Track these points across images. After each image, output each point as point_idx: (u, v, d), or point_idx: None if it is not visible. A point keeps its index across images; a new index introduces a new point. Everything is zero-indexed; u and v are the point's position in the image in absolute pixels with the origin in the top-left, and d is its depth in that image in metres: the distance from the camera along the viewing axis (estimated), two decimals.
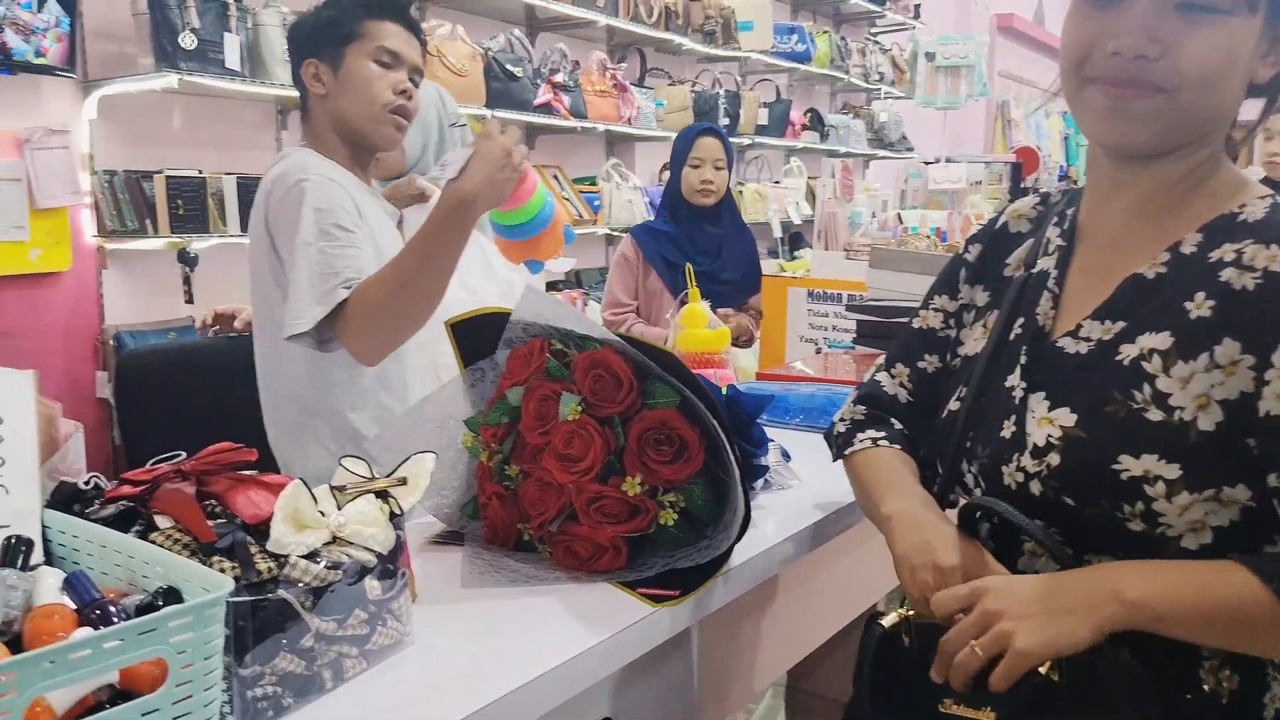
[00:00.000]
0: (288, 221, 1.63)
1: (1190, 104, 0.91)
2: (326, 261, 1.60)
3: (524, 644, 1.03)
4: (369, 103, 1.74)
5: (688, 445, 1.17)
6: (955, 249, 2.55)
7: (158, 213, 2.76)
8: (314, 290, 1.58)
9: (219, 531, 0.90)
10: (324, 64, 1.75)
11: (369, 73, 1.74)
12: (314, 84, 1.76)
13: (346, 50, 1.74)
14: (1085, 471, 0.93)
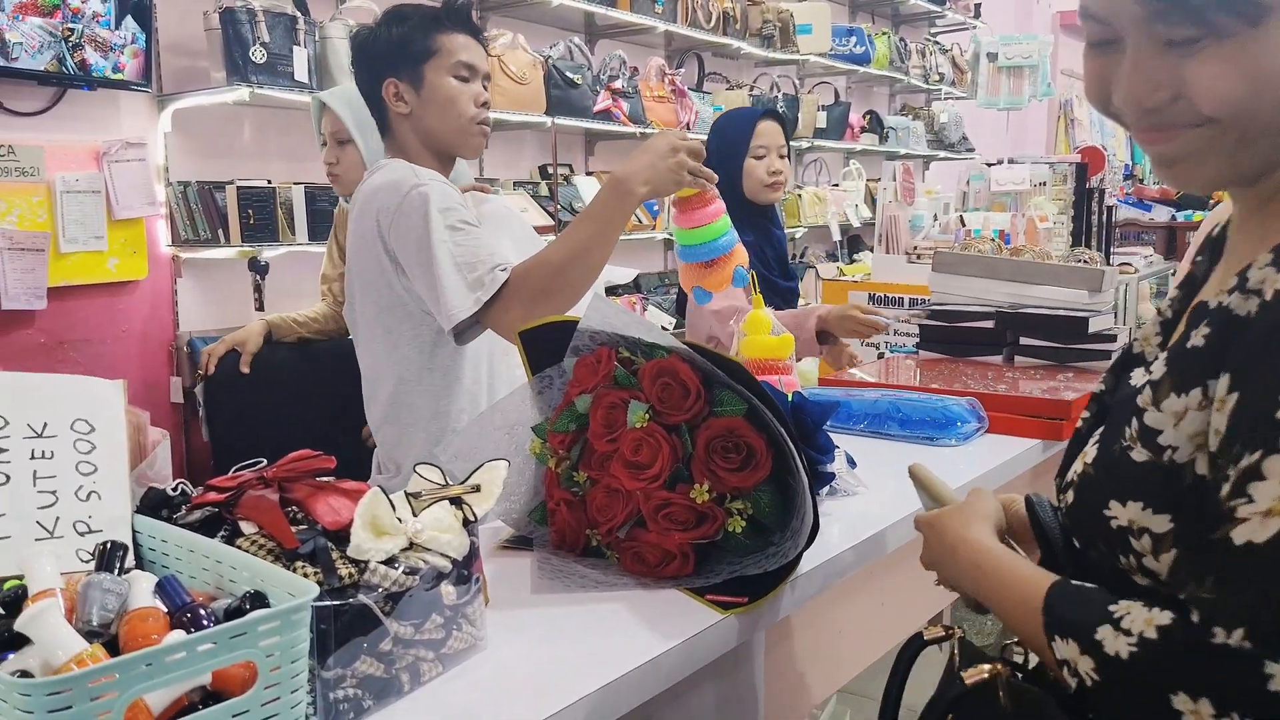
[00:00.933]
0: (414, 226, 1.68)
1: (1245, 128, 0.78)
2: (468, 251, 1.66)
3: (595, 649, 1.04)
4: (456, 118, 1.80)
5: (755, 453, 1.17)
6: (1019, 252, 2.52)
7: (229, 222, 2.83)
8: (465, 278, 1.64)
9: (301, 537, 0.92)
10: (404, 83, 1.80)
11: (452, 90, 1.80)
12: (397, 103, 1.81)
13: (425, 68, 1.79)
14: (1085, 514, 0.85)
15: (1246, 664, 0.67)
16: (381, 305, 1.79)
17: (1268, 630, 0.67)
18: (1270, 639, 0.67)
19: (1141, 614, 0.74)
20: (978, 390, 1.93)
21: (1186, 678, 0.70)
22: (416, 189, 1.69)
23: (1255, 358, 0.73)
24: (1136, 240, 6.22)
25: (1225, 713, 0.68)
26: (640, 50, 4.40)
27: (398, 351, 1.80)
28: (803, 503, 1.15)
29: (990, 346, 2.30)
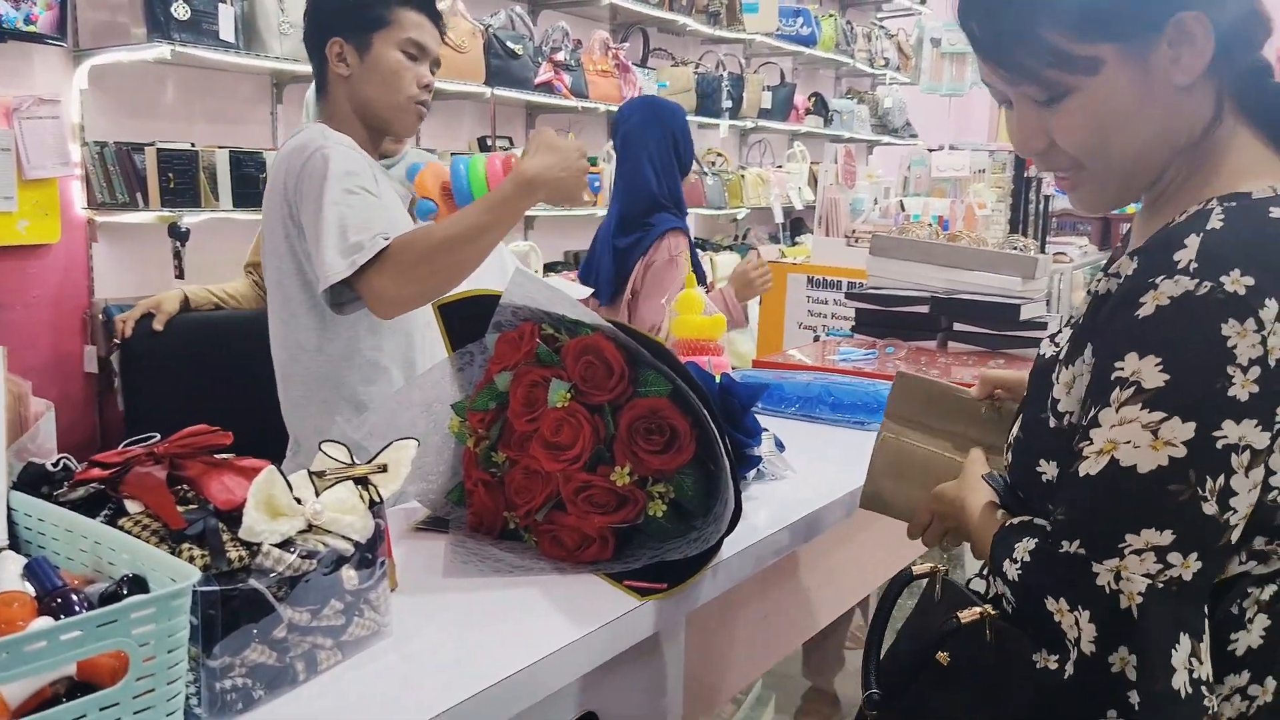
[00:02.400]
0: (312, 187, 1.64)
1: (1104, 166, 0.94)
2: (358, 215, 1.61)
3: (506, 636, 1.00)
4: (394, 93, 1.76)
5: (679, 435, 1.14)
6: (956, 238, 2.52)
7: (148, 185, 2.72)
8: (346, 241, 1.58)
9: (190, 518, 0.87)
10: (350, 45, 1.75)
11: (396, 63, 1.75)
12: (338, 64, 1.76)
13: (375, 37, 1.75)
14: (1023, 472, 0.99)
15: (1081, 566, 0.84)
16: (283, 271, 1.75)
17: (1093, 539, 0.84)
18: (1095, 546, 0.83)
19: (1023, 544, 0.91)
20: None
21: (1048, 584, 0.86)
22: (320, 150, 1.65)
23: (1103, 327, 0.89)
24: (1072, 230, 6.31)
25: (1074, 607, 0.84)
26: (584, 23, 4.33)
27: (295, 320, 1.75)
28: (725, 487, 1.12)
29: (924, 331, 2.30)
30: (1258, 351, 0.82)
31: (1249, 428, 0.82)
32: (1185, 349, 0.82)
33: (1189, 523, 0.82)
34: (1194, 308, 0.82)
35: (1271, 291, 0.82)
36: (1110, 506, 0.84)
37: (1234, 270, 0.83)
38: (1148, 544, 0.82)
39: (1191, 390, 0.82)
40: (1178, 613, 0.81)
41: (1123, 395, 0.84)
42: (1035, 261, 2.30)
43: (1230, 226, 0.87)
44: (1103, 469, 0.84)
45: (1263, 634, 0.91)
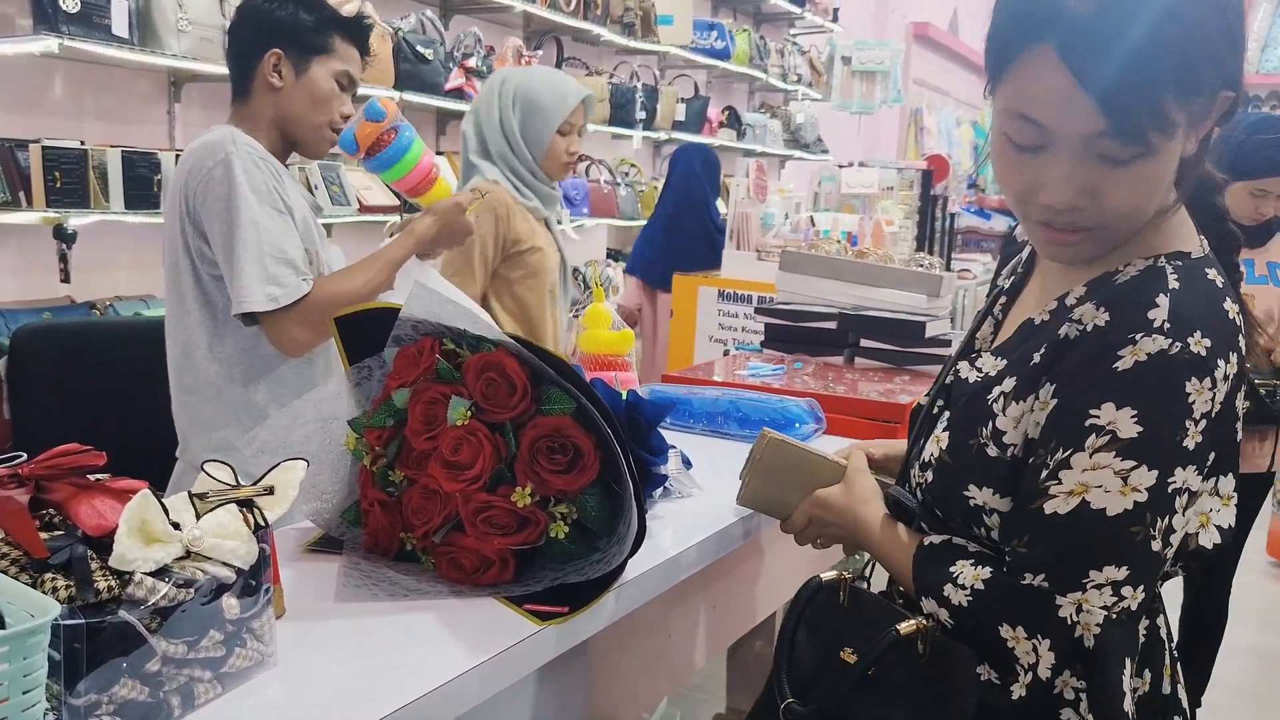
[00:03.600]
0: (217, 197, 1.68)
1: (1119, 229, 0.95)
2: (275, 242, 1.67)
3: (399, 664, 0.96)
4: (318, 116, 1.83)
5: (582, 454, 1.12)
6: (864, 254, 2.55)
7: (32, 184, 2.58)
8: (265, 271, 1.65)
9: (54, 545, 0.81)
10: (288, 61, 1.81)
11: (329, 91, 1.83)
12: (272, 74, 1.80)
13: (314, 60, 1.81)
14: (946, 492, 1.02)
15: (1045, 599, 0.90)
16: (179, 268, 1.76)
17: (1059, 574, 0.90)
18: (1059, 581, 0.90)
19: (969, 571, 0.96)
20: (817, 391, 1.93)
21: (1006, 612, 0.92)
22: (228, 158, 1.68)
23: (1074, 376, 0.92)
24: (976, 247, 6.48)
25: (1032, 635, 0.90)
26: (497, 29, 4.28)
27: (188, 317, 1.77)
28: (629, 508, 1.10)
29: (832, 347, 2.32)
30: (1208, 407, 0.89)
31: (1191, 473, 0.90)
32: (1157, 403, 0.89)
33: (1141, 559, 0.89)
34: (1167, 365, 0.88)
35: (1221, 354, 0.90)
36: (1079, 545, 0.90)
37: (1197, 332, 0.89)
38: (1108, 579, 0.89)
39: (1159, 442, 0.88)
40: (1125, 639, 0.90)
41: (1098, 442, 0.89)
42: (940, 279, 2.34)
43: (1186, 288, 0.93)
44: (1073, 509, 0.90)
45: (1145, 632, 0.99)
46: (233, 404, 1.78)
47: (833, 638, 1.08)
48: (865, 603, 1.10)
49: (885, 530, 1.10)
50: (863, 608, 1.09)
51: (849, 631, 1.07)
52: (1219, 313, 0.92)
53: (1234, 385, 0.92)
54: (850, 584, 1.12)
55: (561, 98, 2.39)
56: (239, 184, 1.66)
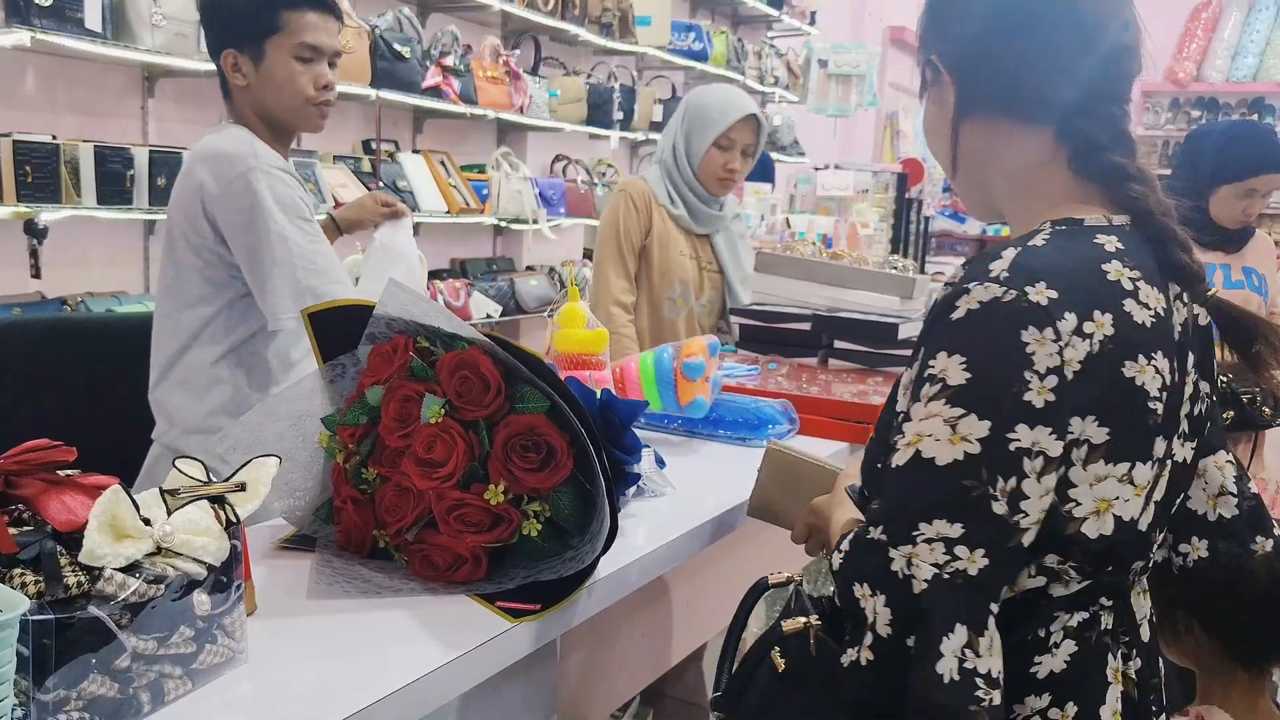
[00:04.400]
0: (238, 210, 1.69)
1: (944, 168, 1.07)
2: (305, 254, 1.68)
3: (371, 661, 0.97)
4: (292, 98, 1.78)
5: (555, 453, 1.12)
6: (838, 256, 2.57)
7: (2, 179, 2.55)
8: (298, 284, 1.67)
9: (24, 541, 0.81)
10: (244, 56, 1.77)
11: (291, 70, 1.76)
12: (234, 75, 1.78)
13: (267, 44, 1.75)
14: (870, 468, 1.04)
15: (881, 552, 0.87)
16: (183, 263, 1.76)
17: (893, 526, 0.87)
18: (894, 532, 0.86)
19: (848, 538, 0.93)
20: (791, 392, 1.95)
21: (856, 569, 0.89)
22: (250, 170, 1.69)
23: (924, 333, 0.94)
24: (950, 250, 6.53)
25: (874, 591, 0.86)
26: (474, 28, 4.27)
27: (189, 311, 1.77)
28: (602, 506, 1.11)
29: (806, 348, 2.33)
30: (1055, 361, 0.86)
31: (1043, 434, 0.86)
32: (987, 350, 0.87)
33: (979, 519, 0.85)
34: (999, 312, 0.87)
35: (1072, 307, 0.87)
36: (909, 496, 0.87)
37: (1040, 282, 0.87)
38: (938, 534, 0.85)
39: (989, 390, 0.86)
40: (958, 603, 0.84)
41: (930, 390, 0.88)
42: (913, 281, 2.36)
43: (1052, 245, 0.93)
44: (908, 460, 0.88)
45: (1068, 659, 0.95)
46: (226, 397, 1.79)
47: (767, 638, 1.09)
48: (799, 604, 1.10)
49: (844, 528, 1.08)
50: (799, 609, 1.10)
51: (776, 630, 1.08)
52: (1086, 270, 0.90)
53: (1114, 350, 0.88)
54: (798, 585, 1.13)
55: (724, 110, 2.44)
56: (263, 199, 1.66)
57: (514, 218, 4.13)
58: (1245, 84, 8.47)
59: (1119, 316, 0.89)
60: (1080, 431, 0.88)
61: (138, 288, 3.06)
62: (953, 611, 0.84)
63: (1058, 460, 0.87)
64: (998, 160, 1.02)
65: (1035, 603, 0.94)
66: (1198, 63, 8.54)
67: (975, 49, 1.00)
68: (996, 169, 1.02)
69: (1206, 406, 1.03)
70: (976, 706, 0.83)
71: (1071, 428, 0.87)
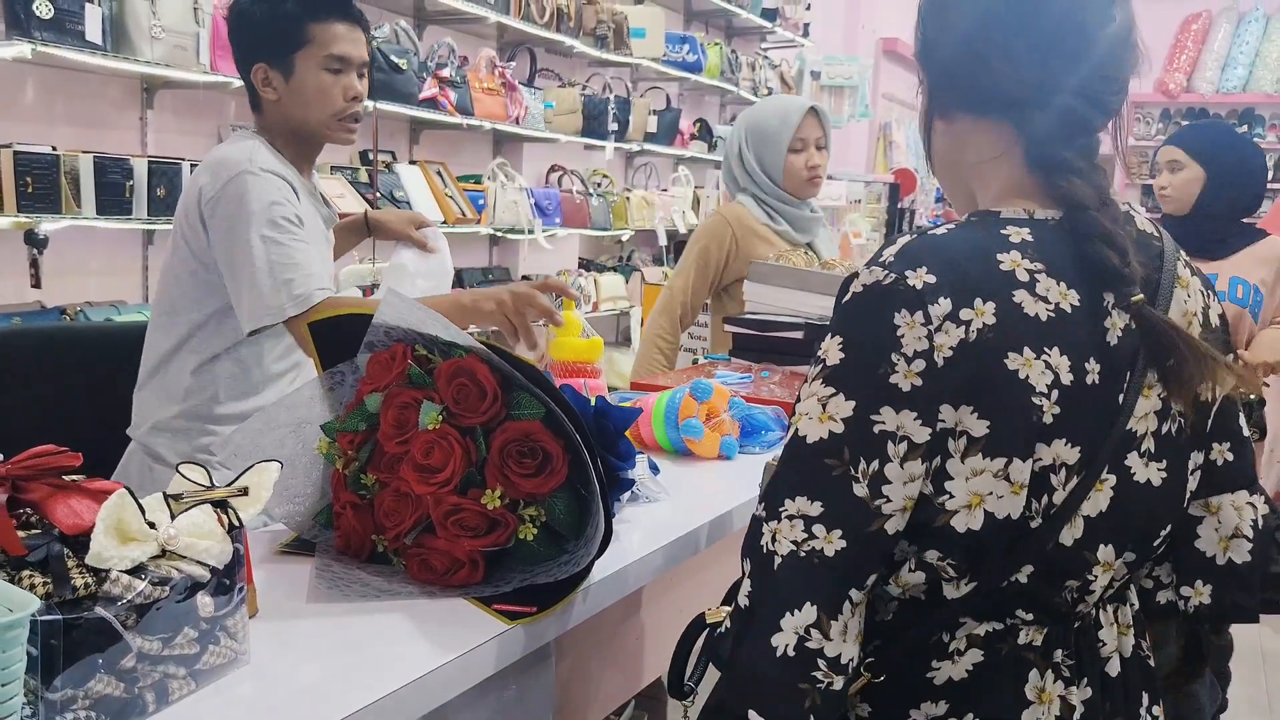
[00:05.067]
0: (229, 212, 1.68)
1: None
2: (287, 254, 1.66)
3: (369, 662, 0.99)
4: (322, 110, 1.79)
5: (551, 458, 1.14)
6: (831, 266, 2.59)
7: (3, 189, 2.58)
8: (278, 280, 1.64)
9: (31, 544, 0.83)
10: (274, 70, 1.78)
11: (321, 83, 1.77)
12: (265, 89, 1.79)
13: (296, 57, 1.76)
14: None
15: (757, 527, 0.89)
16: (178, 270, 1.78)
17: (767, 501, 0.88)
18: (767, 509, 0.88)
19: None
20: (783, 399, 1.97)
21: (744, 548, 0.90)
22: (242, 174, 1.68)
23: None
24: None
25: (746, 563, 0.89)
26: (471, 40, 4.30)
27: (182, 316, 1.78)
28: (596, 511, 1.13)
29: (799, 356, 2.36)
30: (923, 345, 0.85)
31: (908, 418, 0.85)
32: (860, 331, 0.88)
33: (838, 499, 0.85)
34: (876, 295, 0.88)
35: (949, 293, 0.86)
36: (781, 473, 0.89)
37: (921, 268, 0.87)
38: (799, 511, 0.85)
39: (857, 371, 0.87)
40: (810, 583, 0.84)
41: (813, 371, 0.90)
42: None
43: (954, 233, 0.92)
44: (789, 439, 0.90)
45: (970, 668, 0.92)
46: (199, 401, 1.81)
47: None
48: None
49: None
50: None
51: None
52: (977, 258, 0.89)
53: (993, 340, 0.85)
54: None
55: (784, 116, 2.51)
56: (247, 202, 1.66)
57: (510, 228, 4.16)
58: (1235, 95, 8.54)
59: (1004, 306, 0.86)
60: (955, 422, 0.86)
61: (136, 297, 3.08)
62: (803, 590, 0.84)
63: (924, 447, 0.85)
64: (963, 156, 1.02)
65: (933, 605, 0.92)
66: (1188, 74, 8.61)
67: (941, 48, 1.01)
68: (964, 164, 1.03)
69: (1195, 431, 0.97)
70: (807, 684, 0.83)
71: (942, 416, 0.86)
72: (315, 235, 1.83)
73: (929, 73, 1.03)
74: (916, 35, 1.05)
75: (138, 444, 1.85)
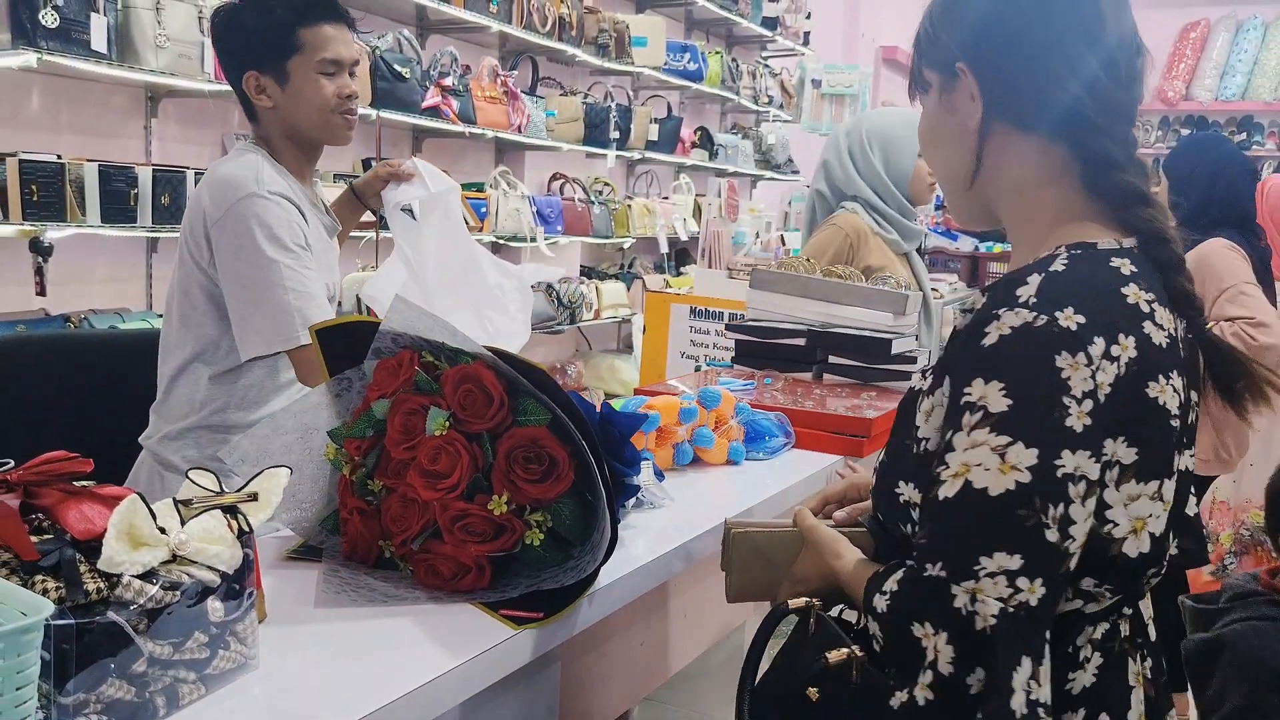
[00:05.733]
0: (237, 236, 1.70)
1: (950, 191, 1.10)
2: (301, 281, 1.69)
3: (377, 667, 0.99)
4: (319, 113, 1.80)
5: (557, 464, 1.15)
6: (832, 273, 2.60)
7: (9, 198, 2.58)
8: (292, 307, 1.67)
9: (44, 549, 0.84)
10: (267, 77, 1.77)
11: (317, 87, 1.78)
12: (259, 97, 1.79)
13: (290, 64, 1.76)
14: (883, 492, 1.04)
15: (942, 589, 0.85)
16: (190, 281, 1.79)
17: (952, 561, 0.86)
18: (954, 568, 0.86)
19: (892, 575, 0.92)
20: (786, 406, 1.98)
21: (914, 609, 0.88)
22: (250, 197, 1.70)
23: (954, 360, 0.95)
24: (943, 267, 6.58)
25: (937, 630, 0.85)
26: (473, 49, 4.32)
27: (196, 330, 1.80)
28: (602, 517, 1.13)
29: (801, 363, 2.36)
30: (1089, 385, 0.87)
31: (1084, 458, 0.87)
32: (1024, 376, 0.88)
33: (1035, 548, 0.85)
34: (1031, 337, 0.88)
35: (1099, 332, 0.89)
36: (966, 529, 0.87)
37: (1068, 308, 0.89)
38: (1000, 567, 0.84)
39: (1032, 417, 0.87)
40: (1023, 636, 0.84)
41: (971, 419, 0.88)
42: (906, 298, 2.40)
43: (1071, 270, 0.94)
44: (958, 491, 0.87)
45: (1095, 672, 0.96)
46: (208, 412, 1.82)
47: (791, 665, 1.06)
48: (826, 631, 1.06)
49: (855, 571, 1.05)
50: (822, 636, 1.06)
51: (808, 659, 1.03)
52: (1108, 294, 0.92)
53: (1138, 371, 0.90)
54: (816, 611, 1.09)
55: (909, 124, 2.58)
56: (253, 228, 1.68)
57: (512, 236, 4.17)
58: (1234, 103, 8.56)
59: (1140, 339, 0.91)
60: (1112, 453, 0.89)
61: (141, 304, 3.09)
62: (1019, 645, 0.84)
63: (1096, 483, 0.88)
64: (1007, 173, 1.03)
65: (1066, 621, 0.95)
66: (1187, 82, 8.63)
67: (1008, 59, 1.00)
68: (1004, 181, 1.03)
69: (1196, 414, 1.05)
70: None
71: (1105, 450, 0.89)
72: (320, 249, 1.83)
73: (985, 84, 1.01)
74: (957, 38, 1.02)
75: (149, 452, 1.86)
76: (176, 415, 1.83)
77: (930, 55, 1.05)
